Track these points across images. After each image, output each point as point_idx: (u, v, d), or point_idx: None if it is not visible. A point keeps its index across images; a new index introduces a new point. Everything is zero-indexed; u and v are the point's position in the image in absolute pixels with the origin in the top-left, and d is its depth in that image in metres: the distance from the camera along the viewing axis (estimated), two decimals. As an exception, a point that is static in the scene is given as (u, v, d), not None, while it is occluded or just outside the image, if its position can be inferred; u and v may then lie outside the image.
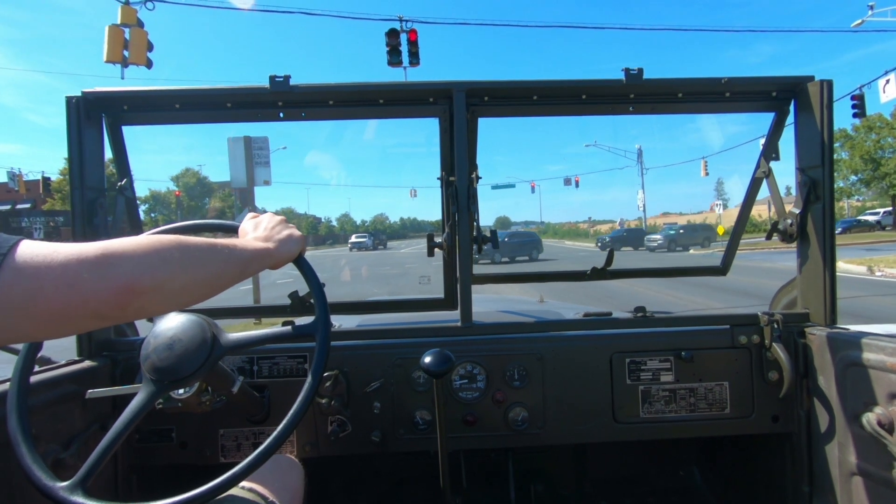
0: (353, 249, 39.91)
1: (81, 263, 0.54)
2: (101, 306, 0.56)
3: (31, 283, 0.51)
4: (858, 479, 1.13)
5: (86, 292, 0.54)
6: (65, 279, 0.53)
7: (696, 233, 29.39)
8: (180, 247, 0.66)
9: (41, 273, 0.52)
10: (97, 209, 1.27)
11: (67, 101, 1.23)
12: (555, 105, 1.40)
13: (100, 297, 0.55)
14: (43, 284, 0.52)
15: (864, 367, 1.09)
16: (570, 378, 1.32)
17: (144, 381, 0.85)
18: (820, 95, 1.25)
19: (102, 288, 0.55)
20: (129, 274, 0.58)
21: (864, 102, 15.76)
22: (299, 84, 1.28)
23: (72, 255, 0.54)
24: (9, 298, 0.50)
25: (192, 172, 46.69)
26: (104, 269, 0.56)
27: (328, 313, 0.93)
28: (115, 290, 0.56)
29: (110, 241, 0.59)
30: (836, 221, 1.31)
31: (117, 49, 8.17)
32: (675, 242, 27.48)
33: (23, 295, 0.51)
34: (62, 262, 0.53)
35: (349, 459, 1.58)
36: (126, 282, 0.57)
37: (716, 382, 1.32)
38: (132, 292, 0.58)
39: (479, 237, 1.32)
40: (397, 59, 9.47)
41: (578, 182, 38.82)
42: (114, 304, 0.57)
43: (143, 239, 0.63)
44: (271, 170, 6.94)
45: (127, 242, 0.60)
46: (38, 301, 0.52)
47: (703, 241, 28.08)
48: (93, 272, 0.55)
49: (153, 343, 0.86)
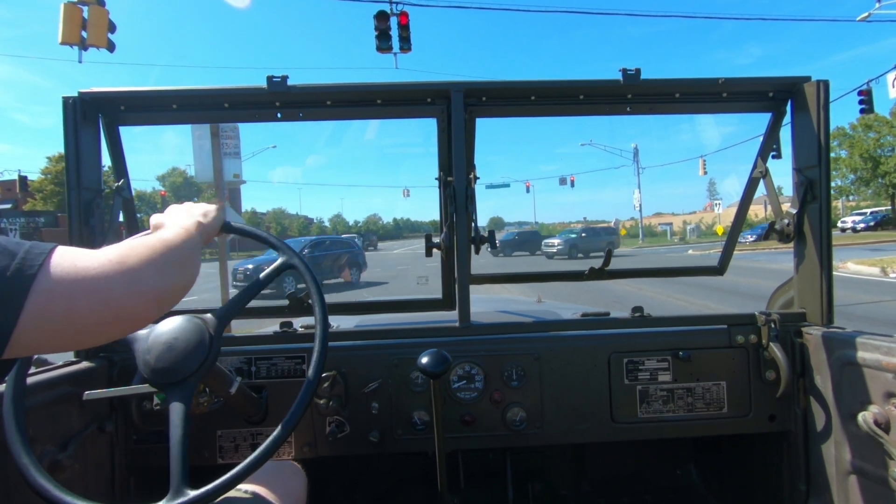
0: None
1: (110, 280, 0.58)
2: (134, 318, 0.62)
3: (67, 304, 0.54)
4: (855, 477, 1.15)
5: (118, 308, 0.59)
6: (98, 297, 0.57)
7: (598, 237, 25.68)
8: (170, 248, 0.71)
9: (75, 294, 0.55)
10: (94, 210, 1.27)
11: (64, 102, 1.24)
12: (552, 105, 1.41)
13: (132, 311, 0.61)
14: (77, 306, 0.55)
15: (861, 367, 1.10)
16: (567, 378, 1.32)
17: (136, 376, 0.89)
18: (816, 95, 1.26)
19: (134, 302, 0.61)
20: (154, 284, 0.64)
21: (871, 97, 15.36)
22: (297, 84, 1.29)
23: (100, 272, 0.58)
24: (45, 319, 0.52)
25: (178, 172, 45.76)
26: (133, 284, 0.61)
27: (327, 314, 0.94)
28: (146, 302, 0.62)
29: (124, 250, 0.63)
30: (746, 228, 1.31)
31: (74, 29, 7.45)
32: (577, 248, 24.05)
33: (60, 315, 0.54)
34: (93, 279, 0.57)
35: (347, 460, 1.59)
36: (154, 292, 0.63)
37: (713, 382, 1.33)
38: (159, 301, 0.64)
39: (478, 237, 1.33)
40: (387, 44, 8.77)
41: (574, 181, 38.42)
42: (144, 316, 0.63)
43: (148, 245, 0.67)
44: (242, 162, 6.24)
45: (140, 251, 0.65)
46: (74, 320, 0.55)
47: (607, 246, 25.54)
48: (124, 287, 0.59)
49: (152, 344, 0.86)
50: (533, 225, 75.64)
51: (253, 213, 59.37)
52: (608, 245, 24.95)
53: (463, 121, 1.31)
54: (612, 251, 1.64)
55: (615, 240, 25.98)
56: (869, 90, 15.02)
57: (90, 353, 1.26)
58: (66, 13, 7.38)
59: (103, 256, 0.59)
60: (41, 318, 0.51)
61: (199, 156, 5.82)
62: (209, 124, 5.50)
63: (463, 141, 1.30)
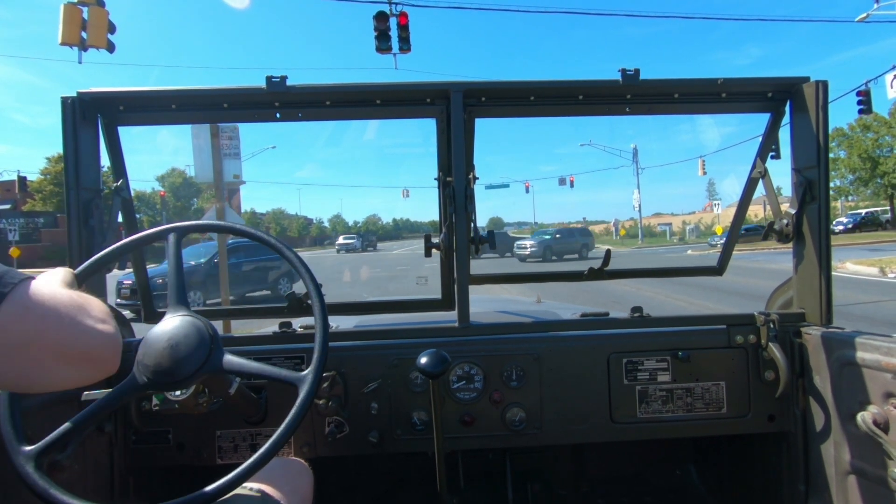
0: (340, 251, 39.19)
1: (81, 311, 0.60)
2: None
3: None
4: (854, 477, 1.15)
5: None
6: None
7: (573, 238, 24.29)
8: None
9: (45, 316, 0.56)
10: (93, 210, 1.27)
11: (63, 102, 1.24)
12: (552, 105, 1.41)
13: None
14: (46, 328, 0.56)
15: (860, 367, 1.10)
16: (567, 378, 1.32)
17: (136, 375, 0.85)
18: (815, 96, 1.26)
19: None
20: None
21: (870, 98, 15.38)
22: (296, 84, 1.28)
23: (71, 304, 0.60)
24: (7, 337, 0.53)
25: (178, 172, 45.59)
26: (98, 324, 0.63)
27: (326, 314, 0.94)
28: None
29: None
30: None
31: (74, 30, 7.45)
32: (551, 250, 22.60)
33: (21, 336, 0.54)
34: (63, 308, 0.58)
35: (347, 460, 1.59)
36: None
37: (712, 382, 1.33)
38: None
39: (477, 238, 1.33)
40: (386, 44, 8.76)
41: (573, 182, 38.43)
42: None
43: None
44: (242, 163, 6.23)
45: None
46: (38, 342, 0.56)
47: (581, 248, 23.43)
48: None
49: (152, 344, 0.85)
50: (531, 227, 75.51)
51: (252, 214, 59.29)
52: (583, 247, 23.36)
53: (462, 121, 1.31)
54: (611, 252, 1.64)
55: (590, 241, 24.68)
56: (867, 91, 15.03)
57: None
58: (66, 14, 7.37)
59: (70, 295, 0.62)
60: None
61: (198, 156, 5.81)
62: (209, 125, 5.50)
63: (462, 141, 1.30)
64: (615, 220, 47.88)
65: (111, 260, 1.02)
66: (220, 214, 5.95)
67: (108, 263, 1.05)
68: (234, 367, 0.89)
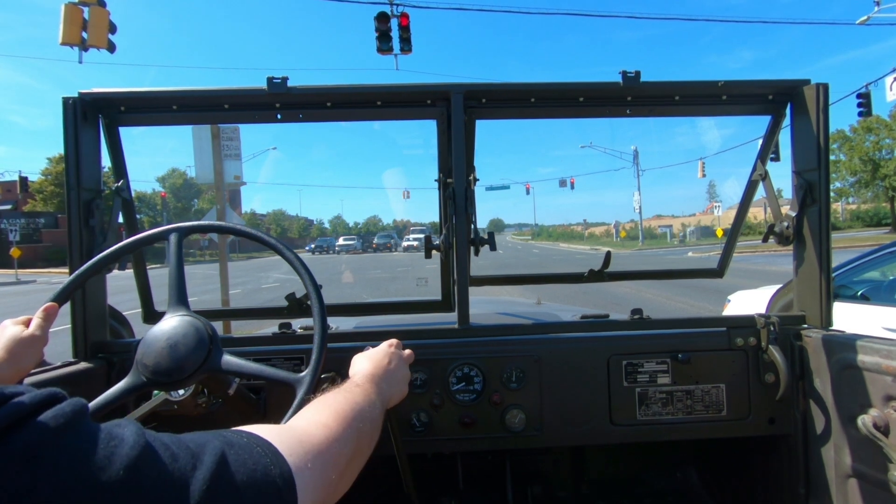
0: (341, 252, 39.22)
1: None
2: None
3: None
4: (854, 480, 1.14)
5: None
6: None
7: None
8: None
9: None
10: (94, 210, 1.27)
11: (64, 102, 1.23)
12: (552, 107, 1.40)
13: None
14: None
15: (860, 370, 1.10)
16: (567, 380, 1.32)
17: (133, 375, 0.85)
18: (816, 98, 1.26)
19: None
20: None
21: (870, 100, 15.37)
22: (297, 86, 1.28)
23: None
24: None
25: (178, 173, 45.52)
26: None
27: (325, 315, 0.94)
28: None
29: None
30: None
31: (75, 30, 7.44)
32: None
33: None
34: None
35: None
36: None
37: (712, 384, 1.33)
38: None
39: (477, 239, 1.33)
40: (387, 45, 8.79)
41: (574, 184, 38.43)
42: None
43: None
44: (242, 164, 6.24)
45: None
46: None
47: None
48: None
49: (151, 344, 0.85)
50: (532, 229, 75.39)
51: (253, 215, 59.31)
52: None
53: (463, 122, 1.31)
54: (611, 254, 1.64)
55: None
56: (867, 93, 15.03)
57: (89, 353, 1.26)
58: (66, 14, 7.36)
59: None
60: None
61: (199, 157, 5.82)
62: (210, 125, 5.51)
63: (463, 142, 1.30)
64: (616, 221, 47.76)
65: (111, 260, 1.02)
66: (221, 215, 5.96)
67: (109, 264, 1.05)
68: (233, 367, 0.89)
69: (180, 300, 0.93)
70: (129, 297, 1.73)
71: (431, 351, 1.31)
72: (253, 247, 29.48)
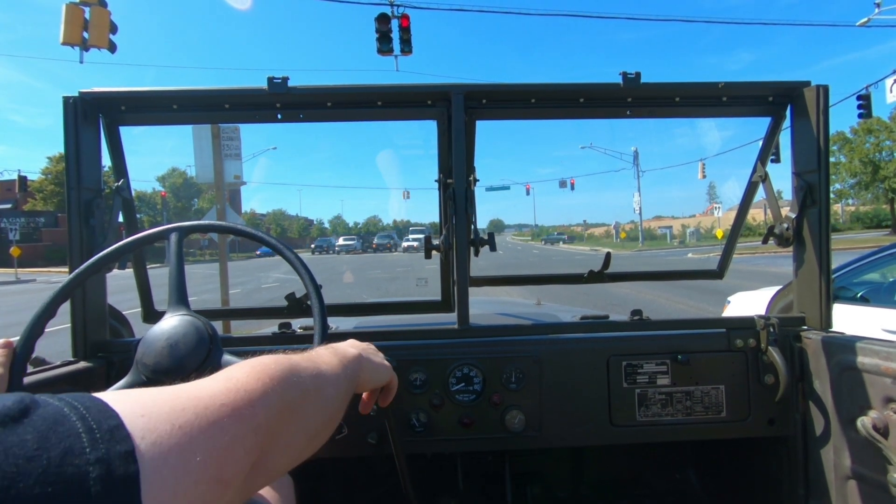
0: (340, 252, 39.25)
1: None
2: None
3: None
4: (853, 482, 1.14)
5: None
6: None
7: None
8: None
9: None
10: (94, 210, 1.27)
11: (65, 102, 1.23)
12: (552, 108, 1.40)
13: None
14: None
15: (860, 371, 1.10)
16: (566, 381, 1.32)
17: (133, 374, 0.84)
18: (816, 100, 1.26)
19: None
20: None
21: (870, 102, 15.38)
22: (297, 86, 1.28)
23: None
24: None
25: (178, 173, 45.54)
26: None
27: (326, 315, 0.94)
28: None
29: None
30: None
31: (76, 30, 7.45)
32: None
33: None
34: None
35: (345, 462, 1.56)
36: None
37: (712, 386, 1.33)
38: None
39: (477, 239, 1.33)
40: (388, 46, 8.80)
41: (574, 184, 38.44)
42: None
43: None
44: (242, 163, 6.24)
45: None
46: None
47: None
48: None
49: (151, 343, 0.85)
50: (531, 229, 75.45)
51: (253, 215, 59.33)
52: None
53: (463, 123, 1.31)
54: (611, 255, 1.64)
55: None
56: (868, 95, 15.03)
57: (88, 353, 1.25)
58: (68, 14, 7.36)
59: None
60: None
61: (199, 157, 5.83)
62: (210, 125, 5.51)
63: (463, 143, 1.30)
64: (616, 222, 47.76)
65: (111, 260, 1.02)
66: (221, 215, 5.96)
67: (108, 263, 1.05)
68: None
69: (180, 299, 0.93)
70: (129, 297, 1.72)
71: (431, 351, 1.31)
72: (253, 247, 29.44)
